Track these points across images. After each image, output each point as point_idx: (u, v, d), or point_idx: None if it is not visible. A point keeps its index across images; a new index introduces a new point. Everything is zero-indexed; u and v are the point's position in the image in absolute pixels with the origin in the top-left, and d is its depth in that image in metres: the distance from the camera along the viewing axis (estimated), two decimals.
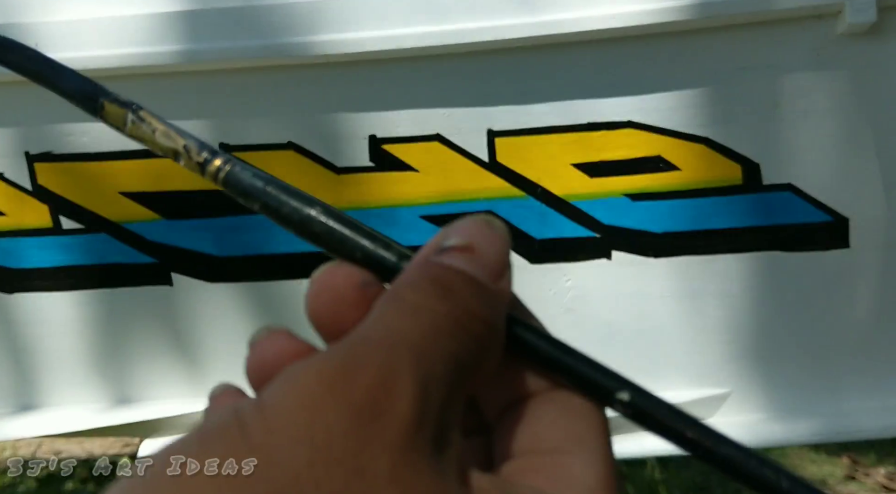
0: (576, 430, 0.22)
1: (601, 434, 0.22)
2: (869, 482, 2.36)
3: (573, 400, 0.23)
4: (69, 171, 1.12)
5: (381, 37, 1.02)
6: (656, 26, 1.00)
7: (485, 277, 0.21)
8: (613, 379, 0.22)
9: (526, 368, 0.23)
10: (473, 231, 0.22)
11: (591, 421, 0.22)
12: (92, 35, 1.05)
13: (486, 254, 0.22)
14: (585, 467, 0.21)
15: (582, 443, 0.22)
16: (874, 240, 1.06)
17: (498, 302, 0.22)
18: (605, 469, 0.21)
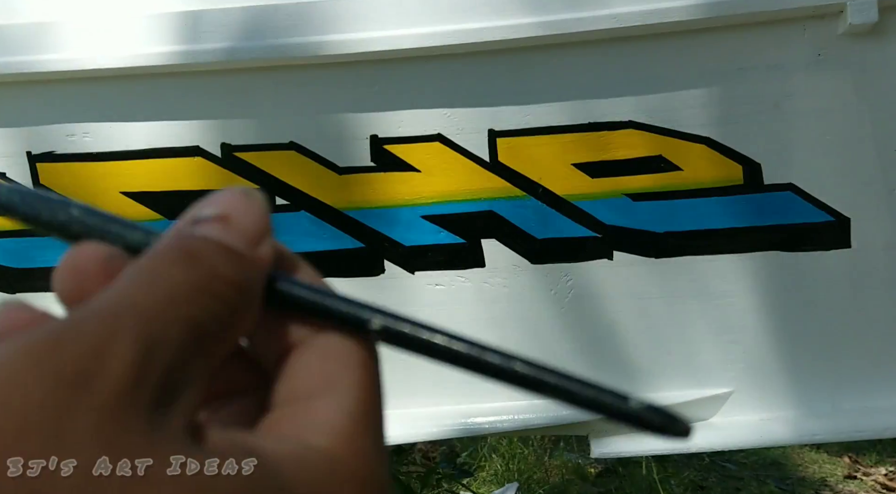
0: (328, 372, 0.22)
1: (355, 372, 0.22)
2: (869, 481, 2.36)
3: (330, 342, 0.23)
4: (71, 171, 1.12)
5: (383, 37, 1.02)
6: (656, 26, 1.00)
7: (240, 244, 0.22)
8: (366, 309, 0.22)
9: (290, 319, 0.23)
10: (229, 201, 0.23)
11: (346, 361, 0.22)
12: (93, 35, 1.05)
13: (241, 223, 0.23)
14: (334, 408, 0.21)
15: (333, 384, 0.22)
16: (876, 240, 1.07)
17: (253, 266, 0.22)
18: (357, 406, 0.21)
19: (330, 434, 0.20)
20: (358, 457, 0.20)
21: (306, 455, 0.19)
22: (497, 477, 2.41)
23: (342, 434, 0.20)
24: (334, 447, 0.20)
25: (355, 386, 0.21)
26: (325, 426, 0.20)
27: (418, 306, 1.14)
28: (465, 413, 1.17)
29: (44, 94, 1.10)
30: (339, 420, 0.20)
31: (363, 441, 0.20)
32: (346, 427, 0.20)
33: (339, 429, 0.20)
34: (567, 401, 0.22)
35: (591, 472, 2.46)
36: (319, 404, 0.21)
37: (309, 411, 0.21)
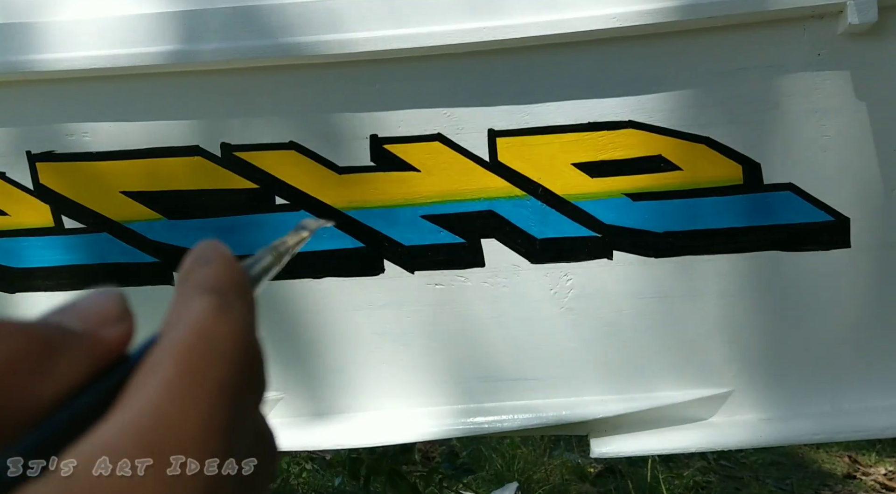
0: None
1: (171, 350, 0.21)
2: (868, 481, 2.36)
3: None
4: (71, 171, 1.12)
5: (383, 37, 1.02)
6: (656, 26, 1.00)
7: (75, 323, 0.23)
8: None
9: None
10: (82, 296, 0.25)
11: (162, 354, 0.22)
12: (93, 35, 1.05)
13: (80, 309, 0.24)
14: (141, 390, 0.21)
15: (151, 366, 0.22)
16: (876, 240, 1.07)
17: (63, 333, 0.22)
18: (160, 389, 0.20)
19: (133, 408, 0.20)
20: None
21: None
22: (497, 477, 2.41)
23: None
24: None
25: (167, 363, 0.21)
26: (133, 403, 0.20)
27: (418, 306, 1.14)
28: (465, 413, 1.17)
29: (44, 94, 1.10)
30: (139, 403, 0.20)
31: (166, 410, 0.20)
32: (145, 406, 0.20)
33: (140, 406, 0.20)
34: None
35: (591, 472, 2.46)
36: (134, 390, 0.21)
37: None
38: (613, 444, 1.16)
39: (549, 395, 1.16)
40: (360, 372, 1.18)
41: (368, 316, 1.15)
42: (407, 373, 1.17)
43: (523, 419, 1.15)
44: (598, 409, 1.14)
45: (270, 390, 0.24)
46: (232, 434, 0.21)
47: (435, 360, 1.16)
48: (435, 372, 1.17)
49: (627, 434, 1.16)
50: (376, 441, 1.23)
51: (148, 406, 0.19)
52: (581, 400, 1.15)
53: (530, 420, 1.15)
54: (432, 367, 1.17)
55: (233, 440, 0.21)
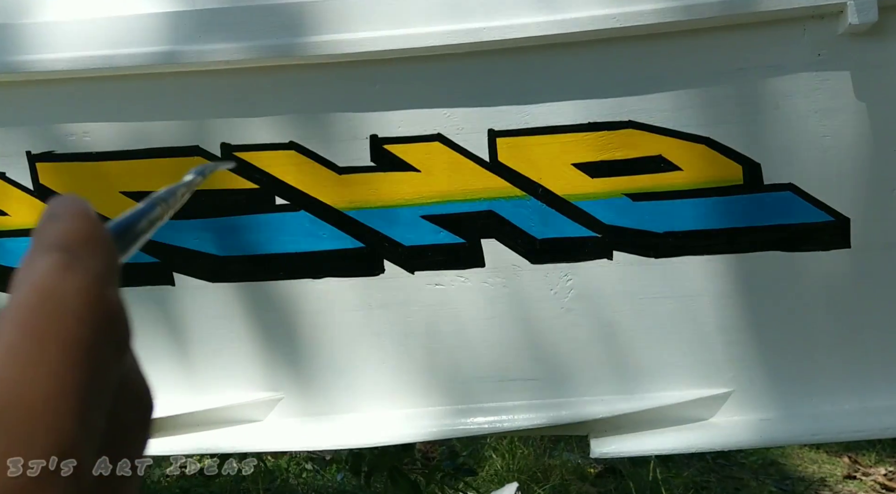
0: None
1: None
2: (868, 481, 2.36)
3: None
4: (71, 171, 1.12)
5: (383, 37, 1.02)
6: (656, 26, 1.00)
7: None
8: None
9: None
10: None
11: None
12: (94, 35, 1.05)
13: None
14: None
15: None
16: (876, 240, 1.06)
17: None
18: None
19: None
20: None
21: None
22: (497, 477, 2.41)
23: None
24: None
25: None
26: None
27: (418, 306, 1.14)
28: (465, 413, 1.17)
29: (44, 94, 1.10)
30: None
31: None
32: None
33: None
34: None
35: (591, 472, 2.46)
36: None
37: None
38: (613, 444, 1.16)
39: (549, 395, 1.15)
40: (359, 372, 1.18)
41: (368, 316, 1.15)
42: (407, 373, 1.17)
43: (523, 419, 1.15)
44: (598, 409, 1.14)
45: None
46: (87, 393, 0.20)
47: (435, 360, 1.16)
48: (435, 372, 1.17)
49: (627, 434, 1.15)
50: (376, 441, 1.23)
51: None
52: (581, 400, 1.15)
53: (530, 420, 1.15)
54: (432, 367, 1.17)
55: (90, 399, 0.20)
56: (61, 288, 0.21)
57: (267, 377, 1.19)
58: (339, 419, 1.19)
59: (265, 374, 1.19)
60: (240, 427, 1.20)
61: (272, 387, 1.19)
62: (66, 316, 0.20)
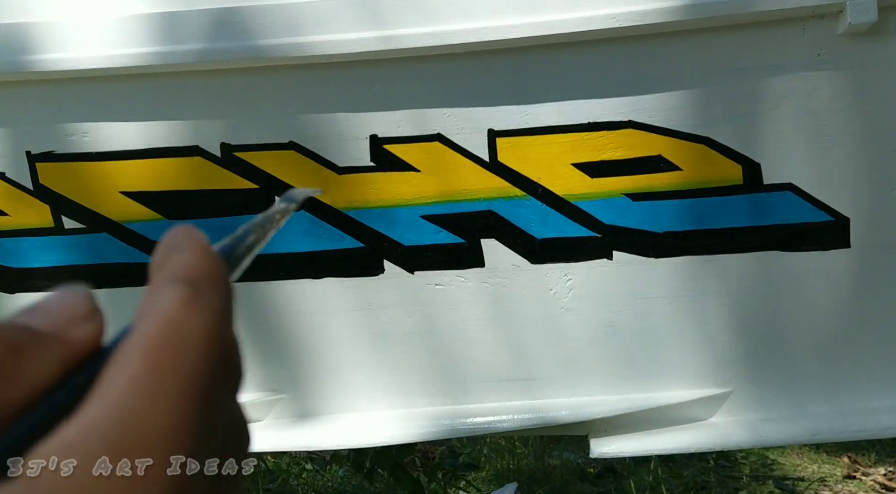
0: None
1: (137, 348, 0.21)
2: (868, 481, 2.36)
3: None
4: (70, 171, 1.12)
5: (382, 37, 1.02)
6: (656, 26, 1.00)
7: (42, 324, 0.22)
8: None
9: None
10: (48, 296, 0.24)
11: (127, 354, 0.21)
12: (94, 35, 1.05)
13: (47, 309, 0.23)
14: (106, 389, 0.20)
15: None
16: (876, 240, 1.06)
17: (30, 334, 0.22)
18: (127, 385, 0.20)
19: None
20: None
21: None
22: (497, 477, 2.41)
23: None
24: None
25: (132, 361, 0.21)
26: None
27: (418, 306, 1.14)
28: (465, 413, 1.17)
29: (44, 94, 1.09)
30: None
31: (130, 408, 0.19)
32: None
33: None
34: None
35: (590, 472, 2.46)
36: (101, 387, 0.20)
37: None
38: (613, 444, 1.16)
39: (549, 395, 1.15)
40: (359, 371, 1.18)
41: (368, 316, 1.15)
42: (407, 373, 1.17)
43: (523, 419, 1.15)
44: (598, 409, 1.14)
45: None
46: (202, 428, 0.20)
47: (435, 360, 1.16)
48: (435, 371, 1.17)
49: (627, 434, 1.15)
50: (376, 441, 1.23)
51: (113, 403, 0.19)
52: (581, 400, 1.15)
53: (530, 420, 1.15)
54: (432, 367, 1.17)
55: (203, 435, 0.20)
56: (187, 323, 0.21)
57: (267, 377, 1.19)
58: (339, 419, 1.19)
59: (265, 374, 1.19)
60: None
61: (272, 387, 1.19)
62: (190, 353, 0.21)
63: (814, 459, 2.52)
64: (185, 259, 0.24)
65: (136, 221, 1.13)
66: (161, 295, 0.22)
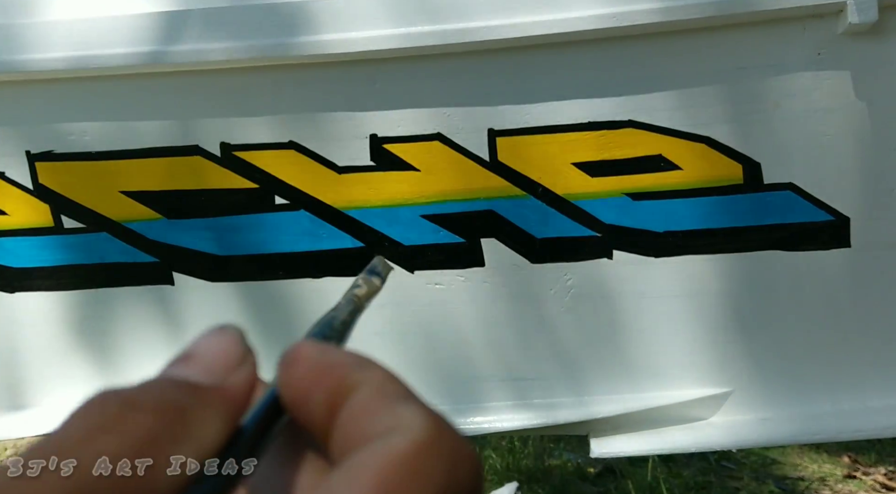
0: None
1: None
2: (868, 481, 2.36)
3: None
4: (70, 171, 1.12)
5: (382, 36, 1.02)
6: (656, 26, 1.00)
7: (197, 376, 0.22)
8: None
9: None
10: (199, 340, 0.24)
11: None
12: (95, 34, 1.05)
13: (203, 358, 0.23)
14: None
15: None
16: (876, 240, 1.06)
17: (194, 394, 0.22)
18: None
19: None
20: None
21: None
22: (497, 477, 2.41)
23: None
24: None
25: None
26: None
27: (418, 306, 1.14)
28: (464, 413, 1.17)
29: (44, 94, 1.09)
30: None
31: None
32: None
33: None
34: None
35: (591, 472, 2.46)
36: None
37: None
38: (613, 444, 1.16)
39: (549, 395, 1.15)
40: None
41: (368, 316, 1.14)
42: (406, 373, 1.17)
43: (523, 419, 1.15)
44: (598, 409, 1.14)
45: None
46: None
47: (435, 360, 1.16)
48: (434, 371, 1.17)
49: (627, 434, 1.15)
50: None
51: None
52: (581, 400, 1.15)
53: (530, 420, 1.15)
54: (432, 367, 1.17)
55: None
56: (436, 449, 0.19)
57: (266, 377, 1.19)
58: None
59: (265, 374, 1.19)
60: None
61: None
62: (428, 486, 0.19)
63: (814, 459, 2.52)
64: (383, 375, 0.23)
65: (136, 221, 1.13)
66: (400, 412, 0.20)
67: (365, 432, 0.20)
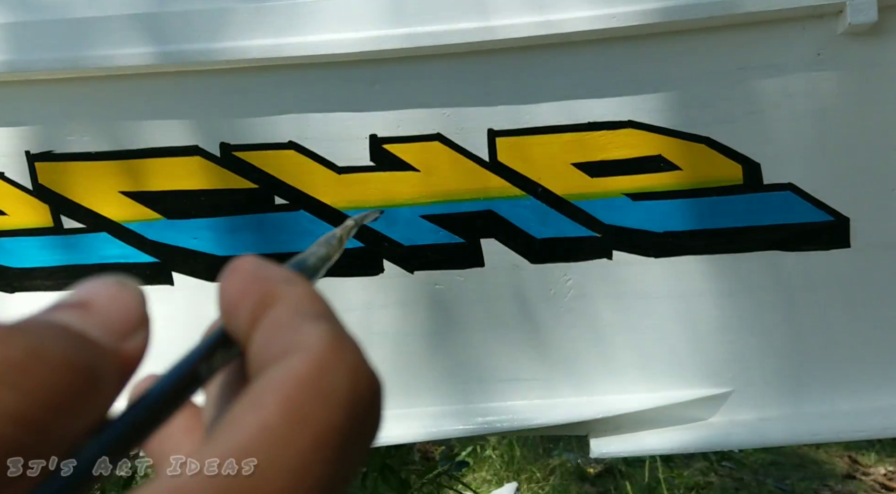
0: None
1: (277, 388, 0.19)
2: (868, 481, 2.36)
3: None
4: (70, 171, 1.12)
5: (382, 36, 1.02)
6: (657, 26, 1.00)
7: (94, 330, 0.20)
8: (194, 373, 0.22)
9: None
10: (97, 288, 0.22)
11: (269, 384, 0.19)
12: (95, 34, 1.05)
13: (103, 311, 0.21)
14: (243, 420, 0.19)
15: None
16: (876, 240, 1.07)
17: (103, 356, 0.20)
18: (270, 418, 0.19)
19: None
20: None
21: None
22: (497, 477, 2.41)
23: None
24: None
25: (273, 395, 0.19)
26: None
27: (418, 306, 1.14)
28: (464, 413, 1.17)
29: (44, 94, 1.10)
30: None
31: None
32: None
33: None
34: None
35: (590, 472, 2.46)
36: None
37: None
38: (613, 444, 1.16)
39: (549, 395, 1.15)
40: None
41: (368, 316, 1.15)
42: (406, 373, 1.17)
43: (523, 419, 1.15)
44: (598, 409, 1.14)
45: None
46: (324, 489, 0.18)
47: (434, 360, 1.16)
48: (434, 372, 1.17)
49: (627, 434, 1.16)
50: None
51: (234, 449, 0.18)
52: (581, 400, 1.15)
53: (530, 420, 1.15)
54: (432, 367, 1.17)
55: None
56: (336, 364, 0.19)
57: None
58: None
59: None
60: None
61: None
62: (334, 402, 0.19)
63: (814, 459, 2.52)
64: (303, 292, 0.21)
65: (136, 221, 1.13)
66: (304, 330, 0.20)
67: (272, 351, 0.20)
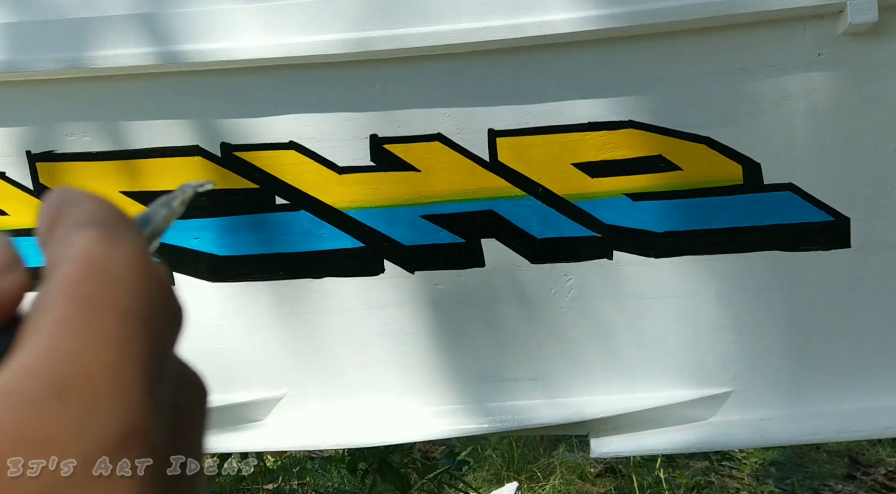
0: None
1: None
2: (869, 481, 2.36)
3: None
4: (70, 171, 1.12)
5: (382, 37, 1.02)
6: (656, 26, 1.00)
7: None
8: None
9: None
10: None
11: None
12: (95, 34, 1.05)
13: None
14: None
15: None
16: (876, 240, 1.06)
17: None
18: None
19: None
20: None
21: None
22: (497, 477, 2.41)
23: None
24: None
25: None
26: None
27: (418, 306, 1.14)
28: (464, 413, 1.17)
29: (44, 94, 1.10)
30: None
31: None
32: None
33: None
34: None
35: (590, 472, 2.46)
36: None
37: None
38: (613, 444, 1.16)
39: (549, 395, 1.15)
40: (359, 372, 1.18)
41: (368, 316, 1.15)
42: (407, 373, 1.17)
43: (523, 419, 1.15)
44: (598, 409, 1.14)
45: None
46: (150, 364, 0.18)
47: (435, 360, 1.16)
48: (435, 372, 1.17)
49: (627, 434, 1.15)
50: (376, 440, 1.23)
51: (42, 346, 0.17)
52: (581, 400, 1.15)
53: (530, 420, 1.15)
54: (432, 367, 1.17)
55: (153, 371, 0.19)
56: (109, 257, 0.19)
57: (266, 377, 1.19)
58: (340, 418, 1.19)
59: (265, 374, 1.19)
60: (240, 427, 1.20)
61: (272, 387, 1.19)
62: (119, 286, 0.19)
63: (814, 459, 2.52)
64: (88, 206, 0.21)
65: None
66: (71, 239, 0.20)
67: (51, 267, 0.20)
